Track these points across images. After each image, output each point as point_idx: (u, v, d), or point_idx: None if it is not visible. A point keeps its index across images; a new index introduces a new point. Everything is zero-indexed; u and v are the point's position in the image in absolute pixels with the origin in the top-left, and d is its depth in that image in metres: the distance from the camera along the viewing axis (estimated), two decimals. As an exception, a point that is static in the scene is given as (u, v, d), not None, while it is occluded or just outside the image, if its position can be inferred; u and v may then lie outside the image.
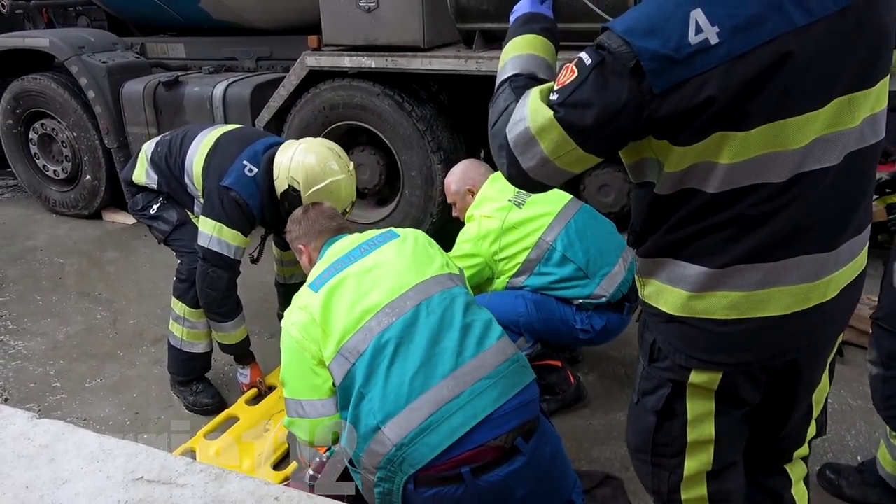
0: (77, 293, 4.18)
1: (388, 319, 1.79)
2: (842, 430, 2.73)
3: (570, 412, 2.89)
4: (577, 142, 1.26)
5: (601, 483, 2.44)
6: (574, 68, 1.24)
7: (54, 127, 5.21)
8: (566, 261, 2.66)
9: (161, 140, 3.01)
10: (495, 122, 1.37)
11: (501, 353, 1.82)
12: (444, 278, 1.94)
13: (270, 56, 5.00)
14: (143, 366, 3.35)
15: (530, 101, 1.30)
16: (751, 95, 1.17)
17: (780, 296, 1.32)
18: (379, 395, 1.71)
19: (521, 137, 1.30)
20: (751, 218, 1.26)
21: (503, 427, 1.71)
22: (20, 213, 5.66)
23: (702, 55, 1.14)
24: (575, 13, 3.21)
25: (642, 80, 1.17)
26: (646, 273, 1.45)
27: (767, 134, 1.19)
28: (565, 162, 1.29)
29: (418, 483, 1.69)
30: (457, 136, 4.14)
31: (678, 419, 1.47)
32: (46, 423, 1.44)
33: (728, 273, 1.31)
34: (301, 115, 4.16)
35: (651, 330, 1.48)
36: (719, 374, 1.40)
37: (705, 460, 1.51)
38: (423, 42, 3.67)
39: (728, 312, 1.33)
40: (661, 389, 1.47)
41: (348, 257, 1.98)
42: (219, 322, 2.86)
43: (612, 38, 1.20)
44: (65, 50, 4.86)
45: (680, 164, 1.26)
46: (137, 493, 1.22)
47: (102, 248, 4.91)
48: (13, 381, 3.24)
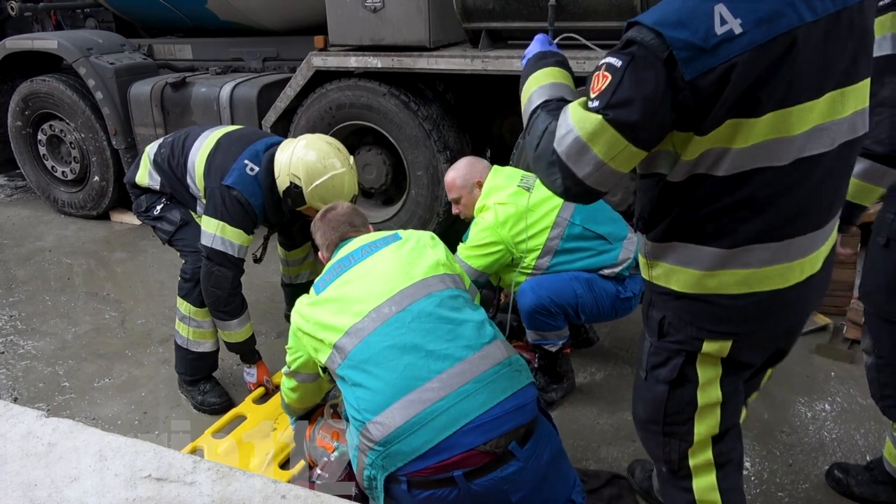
0: (85, 293, 4.20)
1: (373, 324, 1.81)
2: (851, 430, 2.72)
3: (578, 412, 2.89)
4: (630, 139, 1.30)
5: (608, 483, 2.43)
6: (605, 73, 1.31)
7: (63, 128, 5.24)
8: (587, 232, 2.73)
9: (163, 142, 3.02)
10: (538, 145, 1.42)
11: (491, 356, 1.80)
12: (436, 280, 1.94)
13: (277, 56, 5.01)
14: (152, 365, 3.36)
15: (571, 113, 1.35)
16: (764, 83, 1.26)
17: (783, 271, 1.45)
18: (366, 394, 1.74)
19: (572, 147, 1.33)
20: (759, 200, 1.37)
21: (493, 432, 1.69)
22: (29, 214, 5.69)
23: (727, 44, 1.23)
24: (580, 12, 3.21)
25: (674, 69, 1.24)
26: (655, 256, 1.54)
27: (773, 121, 1.30)
28: (619, 163, 1.33)
29: (412, 485, 1.70)
30: (463, 136, 4.14)
31: (689, 385, 1.58)
32: (55, 421, 1.45)
33: (738, 252, 1.42)
34: (307, 115, 4.16)
35: (659, 308, 1.58)
36: (729, 342, 1.52)
37: (713, 423, 1.62)
38: (428, 42, 3.67)
39: (738, 288, 1.45)
40: (674, 360, 1.58)
41: (349, 260, 2.03)
42: (224, 321, 2.87)
43: (643, 31, 1.27)
44: (73, 52, 4.88)
45: (695, 152, 1.34)
46: (145, 490, 1.22)
47: (110, 248, 4.93)
48: (22, 380, 3.26)
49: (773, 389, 2.97)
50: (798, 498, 2.38)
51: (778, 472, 2.50)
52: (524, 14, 3.42)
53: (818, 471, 2.50)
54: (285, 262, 3.44)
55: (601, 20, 3.26)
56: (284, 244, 3.35)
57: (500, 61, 3.52)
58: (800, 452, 2.60)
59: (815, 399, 2.92)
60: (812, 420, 2.79)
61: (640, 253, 1.62)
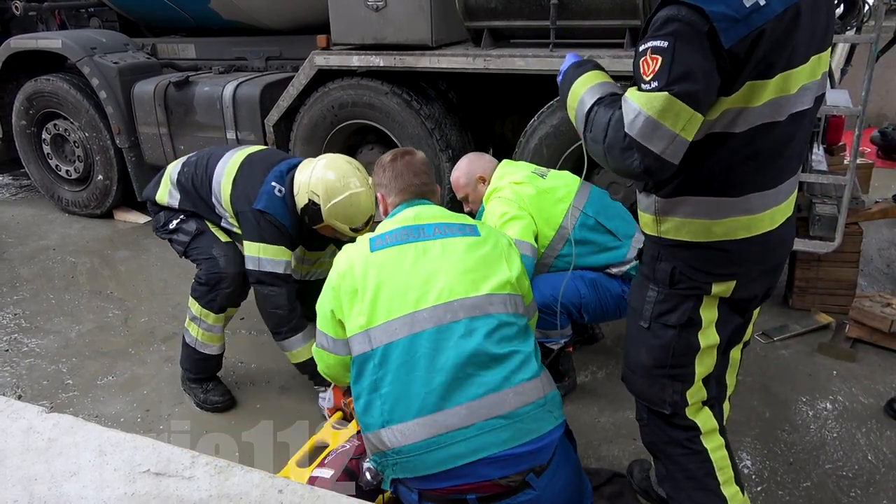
0: (89, 292, 4.21)
1: (426, 324, 1.71)
2: (853, 428, 2.71)
3: (579, 410, 2.89)
4: (694, 107, 1.44)
5: (609, 481, 2.43)
6: (653, 56, 1.44)
7: (67, 127, 5.26)
8: (598, 226, 2.74)
9: (187, 161, 3.04)
10: (605, 137, 1.52)
11: (527, 393, 1.71)
12: (500, 299, 1.81)
13: (280, 56, 5.02)
14: (154, 363, 3.37)
15: (634, 98, 1.47)
16: (777, 48, 1.46)
17: (773, 214, 1.67)
18: (391, 396, 1.68)
19: (645, 127, 1.45)
20: (764, 152, 1.57)
21: (511, 469, 1.66)
22: (33, 212, 5.72)
23: (755, 14, 1.42)
24: (582, 11, 3.21)
25: (715, 38, 1.40)
26: (665, 212, 1.69)
27: (780, 82, 1.50)
28: (688, 132, 1.46)
29: (423, 497, 1.69)
30: (465, 135, 4.14)
31: (694, 328, 1.75)
32: (55, 416, 1.45)
33: (742, 200, 1.61)
34: (310, 113, 4.17)
35: (668, 260, 1.73)
36: (734, 282, 1.71)
37: (709, 364, 1.82)
38: (431, 40, 3.68)
39: (742, 233, 1.64)
40: (684, 304, 1.74)
41: (418, 231, 1.87)
42: (289, 338, 2.85)
43: (682, 10, 1.42)
44: (77, 51, 4.90)
45: (715, 112, 1.51)
46: (144, 485, 1.23)
47: (114, 247, 4.95)
48: (26, 378, 3.27)
49: (774, 388, 2.97)
50: (799, 497, 2.38)
51: (779, 470, 2.50)
52: (526, 13, 3.42)
53: (819, 469, 2.50)
54: (300, 260, 3.42)
55: (603, 19, 3.26)
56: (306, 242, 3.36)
57: (502, 60, 3.53)
58: (801, 451, 2.60)
59: (817, 398, 2.92)
60: (813, 419, 2.78)
61: (646, 212, 1.75)
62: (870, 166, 5.07)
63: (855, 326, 3.25)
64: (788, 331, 3.39)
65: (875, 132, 6.32)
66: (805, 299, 3.60)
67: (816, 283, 3.57)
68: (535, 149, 3.59)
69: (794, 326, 3.43)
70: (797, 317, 3.53)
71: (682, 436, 1.87)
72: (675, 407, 1.84)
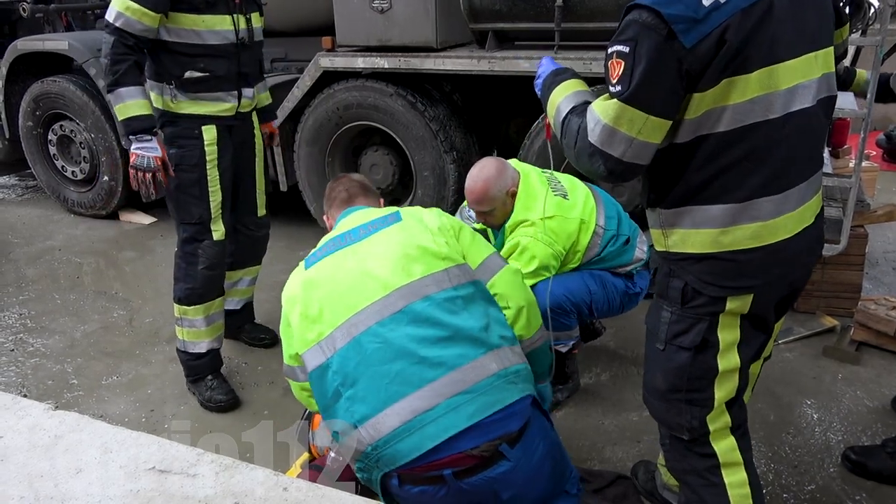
0: (94, 292, 4.23)
1: (369, 321, 1.74)
2: (857, 432, 2.70)
3: (583, 412, 2.88)
4: (647, 111, 1.48)
5: (613, 483, 2.42)
6: (617, 60, 1.49)
7: (73, 128, 5.28)
8: (617, 238, 2.74)
9: None
10: (575, 143, 1.62)
11: (485, 367, 1.73)
12: (435, 279, 1.81)
13: (285, 57, 5.04)
14: (159, 363, 3.38)
15: (594, 107, 1.56)
16: (750, 42, 1.45)
17: (785, 221, 1.61)
18: (358, 395, 1.71)
19: (603, 134, 1.53)
20: (759, 151, 1.54)
21: (481, 438, 1.67)
22: (39, 213, 5.74)
23: (715, 13, 1.43)
24: (587, 13, 3.21)
25: (674, 40, 1.42)
26: (669, 224, 1.68)
27: (763, 77, 1.48)
28: (646, 134, 1.51)
29: (403, 480, 1.69)
30: (469, 137, 4.15)
31: (711, 350, 1.70)
32: (61, 414, 1.46)
33: (746, 207, 1.58)
34: (315, 115, 4.18)
35: (679, 276, 1.70)
36: (750, 296, 1.65)
37: (730, 388, 1.75)
38: (435, 42, 3.68)
39: (751, 242, 1.60)
40: (699, 325, 1.69)
41: (345, 237, 1.93)
42: (113, 91, 2.63)
43: (643, 13, 1.45)
44: (83, 52, 4.92)
45: (697, 110, 1.51)
46: (149, 482, 1.23)
47: (119, 247, 4.96)
48: (31, 378, 3.29)
49: (779, 391, 2.96)
50: (804, 499, 2.37)
51: (783, 473, 2.49)
52: (531, 15, 3.43)
53: (824, 472, 2.49)
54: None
55: (608, 21, 3.26)
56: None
57: (506, 62, 3.53)
58: (806, 454, 2.59)
59: (822, 401, 2.91)
60: (818, 422, 2.78)
61: (654, 227, 1.74)
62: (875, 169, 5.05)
63: (860, 329, 3.24)
64: (793, 334, 3.39)
65: (880, 135, 6.31)
66: (810, 302, 3.59)
67: (821, 285, 3.56)
68: (540, 150, 3.59)
69: (798, 329, 3.42)
70: (802, 319, 3.52)
71: (701, 464, 1.81)
72: (693, 433, 1.79)
